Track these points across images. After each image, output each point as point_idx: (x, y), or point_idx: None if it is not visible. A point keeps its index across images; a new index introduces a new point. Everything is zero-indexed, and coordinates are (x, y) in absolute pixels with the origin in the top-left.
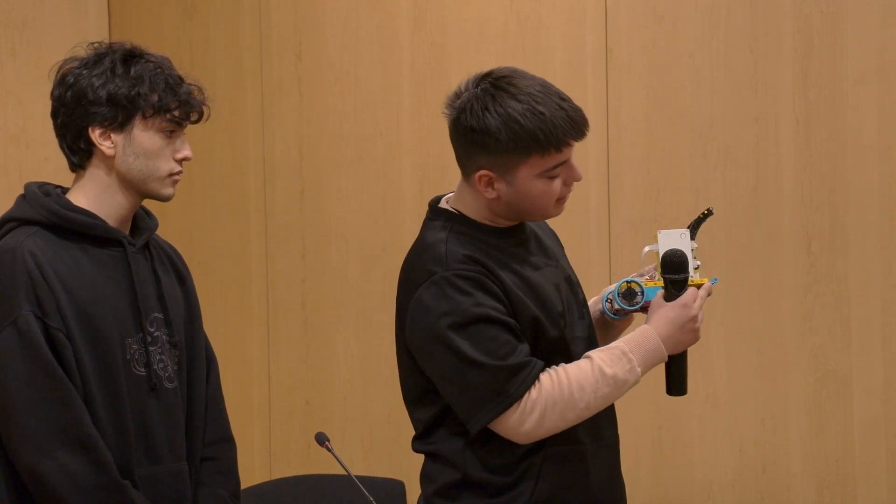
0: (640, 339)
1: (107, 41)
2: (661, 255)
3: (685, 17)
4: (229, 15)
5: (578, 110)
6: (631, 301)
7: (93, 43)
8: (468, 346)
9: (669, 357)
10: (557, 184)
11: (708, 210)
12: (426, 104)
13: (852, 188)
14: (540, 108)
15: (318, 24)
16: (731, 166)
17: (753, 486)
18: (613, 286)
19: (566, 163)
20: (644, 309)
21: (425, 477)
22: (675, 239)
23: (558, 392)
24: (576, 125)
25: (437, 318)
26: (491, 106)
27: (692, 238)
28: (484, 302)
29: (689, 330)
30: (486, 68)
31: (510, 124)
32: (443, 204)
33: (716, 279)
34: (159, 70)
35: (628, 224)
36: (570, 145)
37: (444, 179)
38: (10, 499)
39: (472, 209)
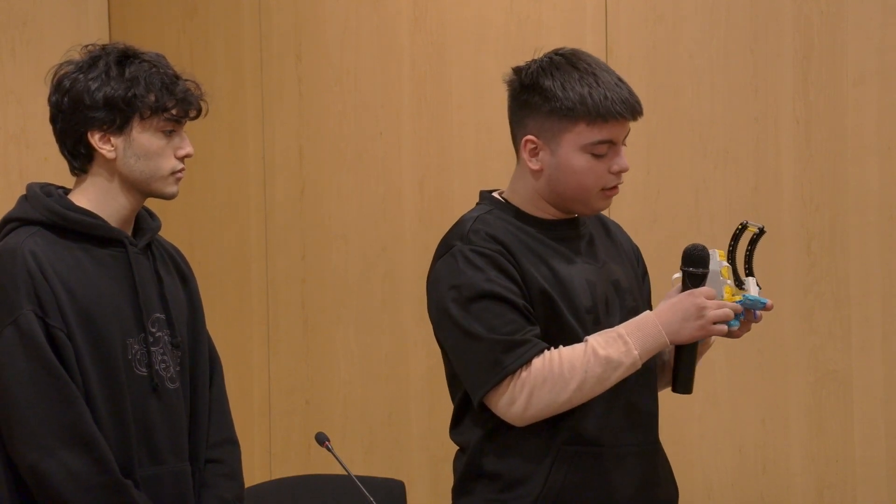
0: (639, 322)
1: (101, 42)
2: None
3: (685, 17)
4: (229, 15)
5: (634, 94)
6: None
7: (87, 45)
8: (472, 320)
9: (676, 351)
10: (602, 168)
11: (741, 225)
12: (426, 104)
13: (852, 188)
14: (597, 78)
15: (318, 24)
16: (731, 166)
17: (753, 486)
18: None
19: (613, 146)
20: None
21: (453, 469)
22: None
23: (548, 370)
24: (628, 103)
25: (446, 290)
26: (548, 68)
27: (730, 259)
28: (495, 279)
29: (693, 318)
30: (486, 68)
31: (563, 85)
32: (494, 194)
33: (746, 298)
34: (154, 69)
35: (628, 224)
36: (619, 122)
37: (444, 179)
38: (12, 497)
39: (521, 197)
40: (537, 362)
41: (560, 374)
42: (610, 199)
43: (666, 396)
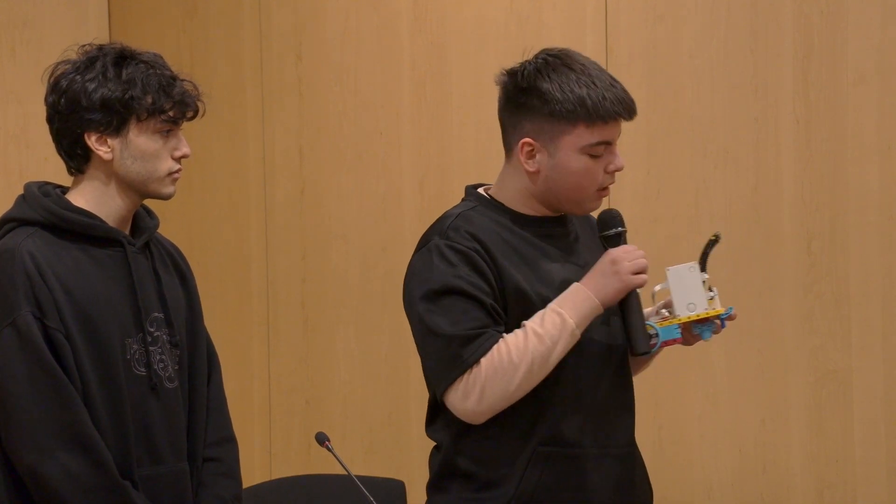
0: (567, 294)
1: (97, 42)
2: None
3: (685, 17)
4: (229, 15)
5: (628, 93)
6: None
7: (84, 45)
8: (435, 314)
9: (622, 315)
10: (598, 169)
11: (715, 236)
12: (426, 104)
13: (852, 188)
14: (593, 79)
15: (318, 24)
16: (731, 166)
17: (753, 486)
18: None
19: (609, 146)
20: (660, 348)
21: (429, 465)
22: (684, 274)
23: (497, 360)
24: (625, 103)
25: (417, 284)
26: (545, 70)
27: (703, 269)
28: (465, 276)
29: (610, 273)
30: (486, 68)
31: (562, 87)
32: (480, 190)
33: (731, 309)
34: (151, 70)
35: (628, 224)
36: (617, 122)
37: (444, 179)
38: (10, 499)
39: (509, 195)
40: (484, 359)
41: (509, 362)
42: (601, 199)
43: (666, 398)
